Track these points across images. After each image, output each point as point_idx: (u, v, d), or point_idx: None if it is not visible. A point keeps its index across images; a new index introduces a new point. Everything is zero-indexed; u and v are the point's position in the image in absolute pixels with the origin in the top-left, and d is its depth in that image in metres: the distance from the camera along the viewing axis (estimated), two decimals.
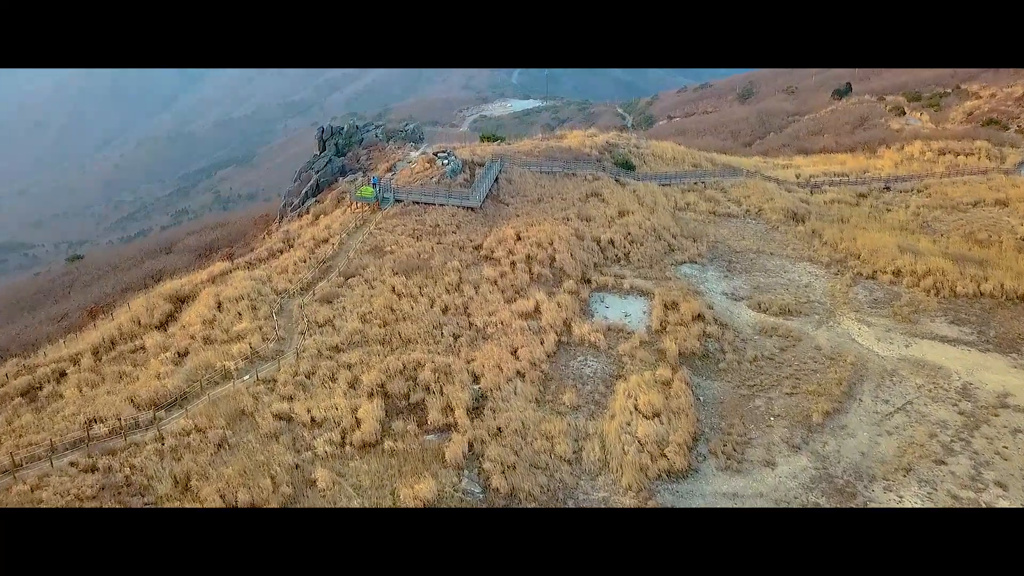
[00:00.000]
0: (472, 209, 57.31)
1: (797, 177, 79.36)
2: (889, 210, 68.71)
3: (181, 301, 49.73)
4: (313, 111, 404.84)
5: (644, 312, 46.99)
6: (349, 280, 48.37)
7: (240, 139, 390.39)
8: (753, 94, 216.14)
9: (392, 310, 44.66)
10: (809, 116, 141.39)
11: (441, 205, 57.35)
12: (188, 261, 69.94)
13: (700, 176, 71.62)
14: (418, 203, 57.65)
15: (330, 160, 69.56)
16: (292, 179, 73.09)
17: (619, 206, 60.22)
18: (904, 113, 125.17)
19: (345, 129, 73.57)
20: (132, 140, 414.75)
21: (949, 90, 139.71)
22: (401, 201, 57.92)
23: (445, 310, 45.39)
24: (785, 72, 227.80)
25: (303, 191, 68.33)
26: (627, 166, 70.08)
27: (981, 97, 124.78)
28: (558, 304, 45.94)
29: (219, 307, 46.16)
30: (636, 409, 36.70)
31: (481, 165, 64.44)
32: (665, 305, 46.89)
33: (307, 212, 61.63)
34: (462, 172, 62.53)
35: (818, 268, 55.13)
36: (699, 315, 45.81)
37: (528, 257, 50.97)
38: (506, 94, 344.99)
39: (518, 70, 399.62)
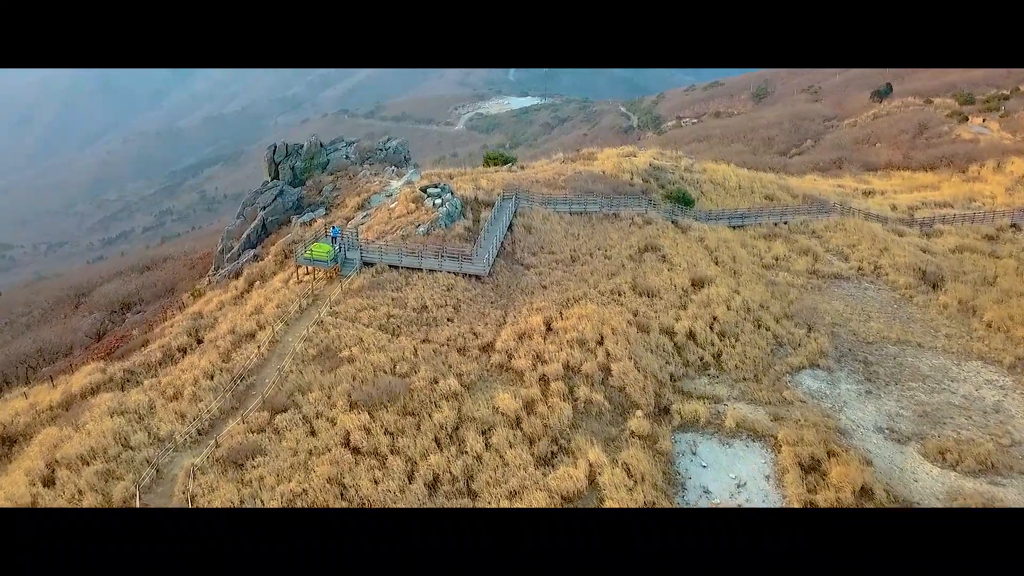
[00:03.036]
0: (478, 277, 37.36)
1: (893, 209, 59.55)
2: None
3: (10, 444, 29.89)
4: (305, 107, 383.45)
5: (766, 477, 27.22)
6: (278, 417, 28.31)
7: (229, 136, 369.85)
8: (768, 94, 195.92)
9: (343, 488, 24.80)
10: (849, 121, 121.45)
11: (431, 271, 37.35)
12: (89, 326, 49.93)
13: (780, 214, 51.74)
14: (397, 268, 37.65)
15: (281, 192, 49.36)
16: (235, 215, 53.02)
17: (689, 267, 40.29)
18: (966, 119, 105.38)
19: (305, 148, 53.19)
20: (120, 136, 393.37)
21: (1007, 92, 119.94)
22: (372, 264, 37.89)
23: (433, 485, 25.43)
24: (801, 70, 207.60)
25: (245, 233, 48.28)
26: (684, 200, 50.15)
27: None
28: (627, 470, 26.01)
29: (52, 476, 26.24)
30: None
31: (488, 205, 44.41)
32: (801, 465, 27.21)
33: (238, 275, 41.63)
34: (461, 216, 42.43)
35: (998, 372, 35.41)
36: (863, 488, 26.24)
37: (568, 367, 31.05)
38: (503, 91, 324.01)
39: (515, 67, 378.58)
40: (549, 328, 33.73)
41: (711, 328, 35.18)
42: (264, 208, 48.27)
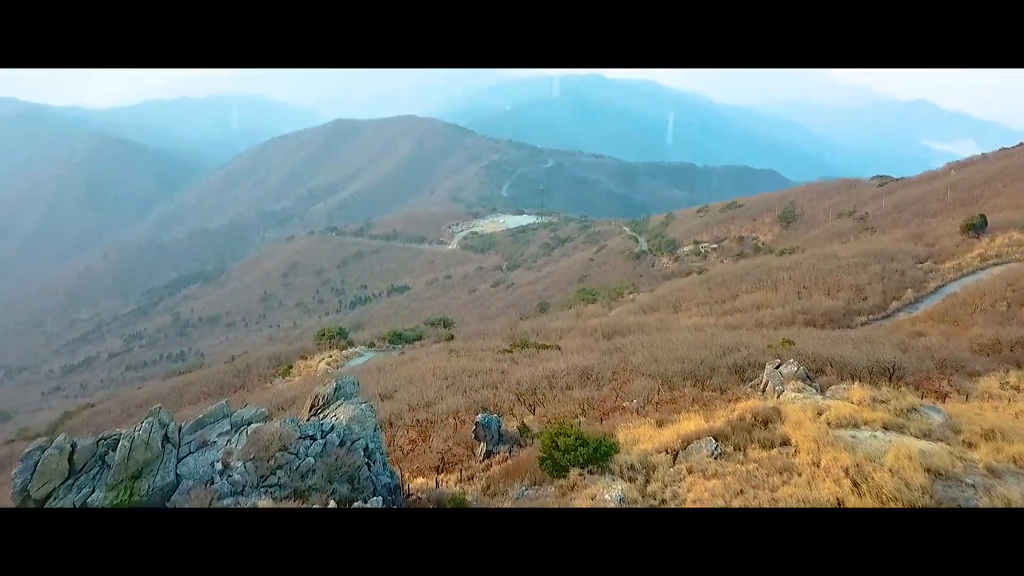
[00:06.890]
0: None
1: None
2: None
3: None
4: (294, 222, 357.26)
5: None
6: None
7: (214, 250, 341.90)
8: (797, 217, 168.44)
9: None
10: (951, 265, 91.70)
11: None
12: None
13: None
14: None
15: None
16: None
17: None
18: None
19: (120, 450, 20.21)
20: (100, 250, 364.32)
21: None
22: None
23: None
24: (830, 190, 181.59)
25: None
26: None
27: None
28: None
29: None
30: None
31: None
32: None
33: None
34: None
35: None
36: None
37: None
38: (497, 207, 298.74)
39: (507, 182, 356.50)
40: None
41: None
42: None
